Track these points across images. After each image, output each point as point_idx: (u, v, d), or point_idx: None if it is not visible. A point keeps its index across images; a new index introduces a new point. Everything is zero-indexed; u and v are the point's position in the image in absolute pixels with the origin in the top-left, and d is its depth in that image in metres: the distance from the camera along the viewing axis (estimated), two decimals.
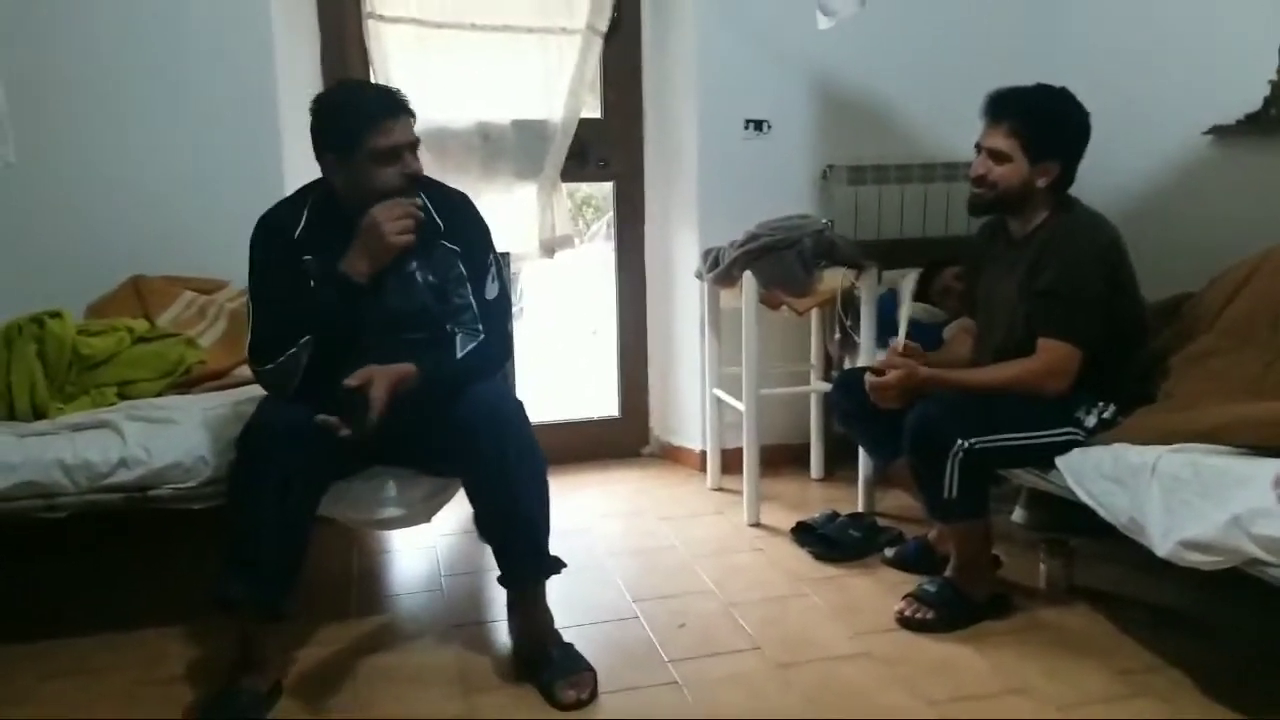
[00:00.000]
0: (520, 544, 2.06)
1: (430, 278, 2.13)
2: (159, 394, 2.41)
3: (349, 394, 1.90)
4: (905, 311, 2.47)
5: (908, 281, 2.59)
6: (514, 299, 3.48)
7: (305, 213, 2.10)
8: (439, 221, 2.15)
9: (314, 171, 2.17)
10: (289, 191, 2.26)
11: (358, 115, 1.99)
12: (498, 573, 2.10)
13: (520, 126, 3.14)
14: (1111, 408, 2.22)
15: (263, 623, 1.95)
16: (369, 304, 2.06)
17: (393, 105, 2.01)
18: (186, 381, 2.47)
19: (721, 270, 2.95)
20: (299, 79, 3.04)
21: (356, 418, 1.89)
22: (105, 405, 2.32)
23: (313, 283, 2.04)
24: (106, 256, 2.77)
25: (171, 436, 2.13)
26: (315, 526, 2.02)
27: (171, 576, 2.60)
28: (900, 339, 2.41)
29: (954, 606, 2.25)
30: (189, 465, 2.11)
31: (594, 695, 1.97)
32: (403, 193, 2.02)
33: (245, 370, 2.55)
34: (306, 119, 3.06)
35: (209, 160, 2.88)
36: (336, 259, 2.01)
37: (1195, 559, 1.80)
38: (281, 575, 1.92)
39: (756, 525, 2.91)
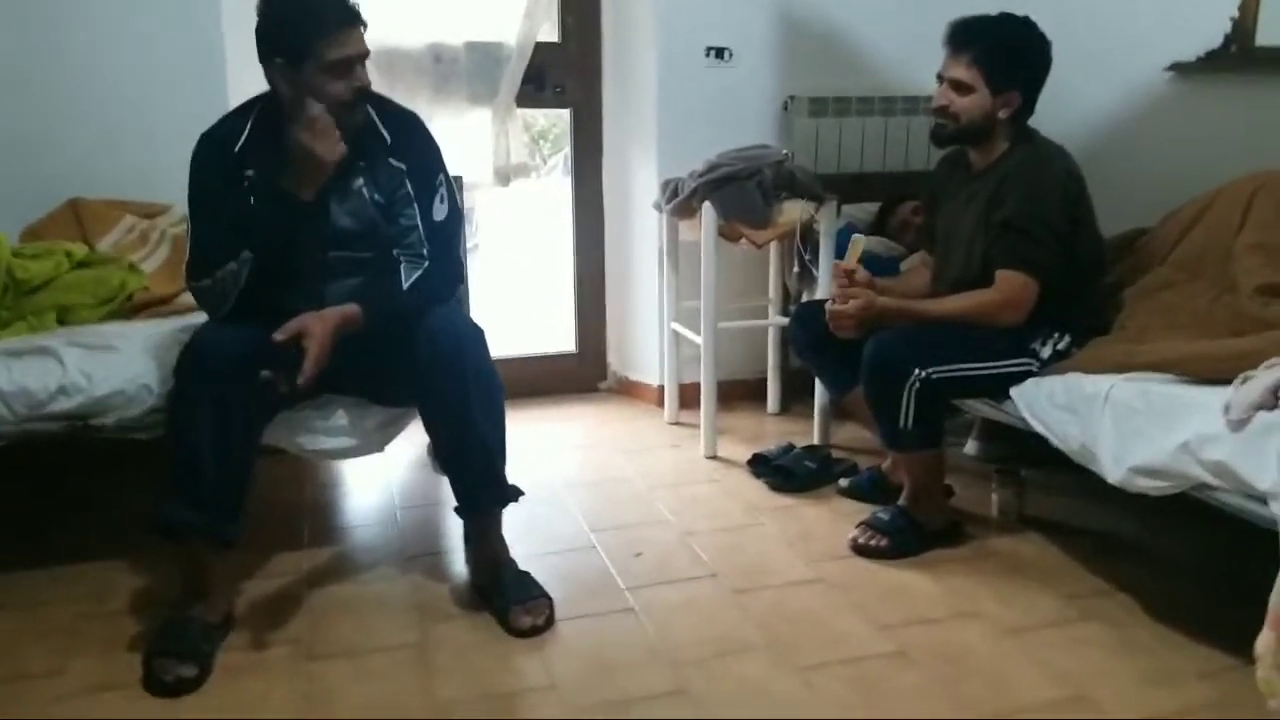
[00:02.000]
0: (478, 472, 2.04)
1: (377, 196, 2.06)
2: (100, 320, 2.33)
3: (280, 348, 1.85)
4: (854, 253, 2.45)
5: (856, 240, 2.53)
6: (469, 232, 3.42)
7: (249, 125, 2.03)
8: (386, 137, 2.09)
9: (259, 89, 2.08)
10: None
11: (311, 22, 1.89)
12: (453, 504, 2.08)
13: (474, 48, 3.05)
14: (1066, 339, 2.23)
15: (210, 551, 1.91)
16: (317, 222, 2.00)
17: (348, 14, 1.93)
18: (129, 308, 2.39)
19: (681, 200, 2.91)
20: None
21: (288, 374, 1.83)
22: (44, 331, 2.24)
23: (253, 198, 1.97)
24: (43, 177, 2.68)
25: (113, 364, 2.07)
26: (260, 452, 1.99)
27: (116, 508, 2.55)
28: (848, 260, 2.38)
29: (907, 534, 2.27)
30: (132, 393, 2.05)
31: (550, 621, 1.97)
32: (351, 107, 1.94)
33: (189, 297, 2.48)
34: (251, 36, 2.96)
35: (151, 78, 2.78)
36: (278, 173, 1.93)
37: (1145, 484, 1.84)
38: (225, 502, 1.88)
39: (713, 458, 2.92)
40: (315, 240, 2.01)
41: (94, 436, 2.06)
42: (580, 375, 3.59)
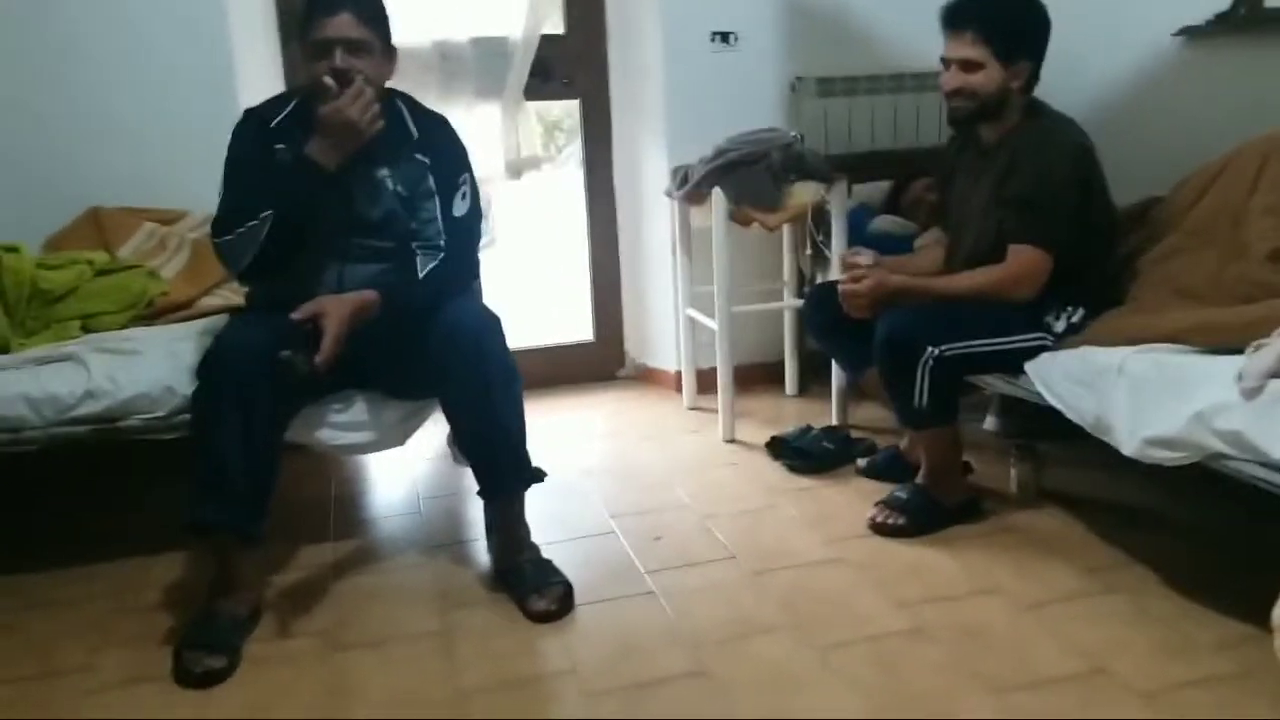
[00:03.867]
0: (502, 456, 2.08)
1: (399, 188, 2.13)
2: (122, 326, 2.37)
3: (296, 328, 1.89)
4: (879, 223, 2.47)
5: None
6: (486, 228, 3.44)
7: (290, 106, 2.15)
8: (414, 132, 2.17)
9: (268, 94, 2.19)
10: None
11: (308, 10, 2.06)
12: (477, 490, 2.12)
13: (479, 44, 3.06)
14: (1080, 312, 2.22)
15: (237, 547, 1.95)
16: (339, 209, 2.08)
17: (335, 1, 2.03)
18: (150, 313, 2.44)
19: (690, 187, 2.92)
20: (252, 5, 2.99)
21: (306, 354, 1.88)
22: (69, 339, 2.29)
23: (280, 169, 2.06)
24: (63, 188, 2.72)
25: (137, 367, 2.11)
26: (285, 449, 2.02)
27: (147, 506, 2.60)
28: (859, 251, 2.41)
29: (925, 512, 2.28)
30: (156, 395, 2.09)
31: (569, 606, 2.00)
32: (324, 87, 2.02)
33: (210, 300, 2.54)
34: (258, 47, 3.02)
35: (165, 90, 2.82)
36: (306, 143, 2.04)
37: (1160, 455, 1.83)
38: (251, 498, 1.92)
39: (732, 441, 2.93)
40: (338, 218, 2.08)
41: (121, 439, 2.11)
42: (598, 363, 3.61)
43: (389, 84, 2.19)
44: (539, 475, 2.12)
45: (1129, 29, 3.02)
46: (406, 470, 2.81)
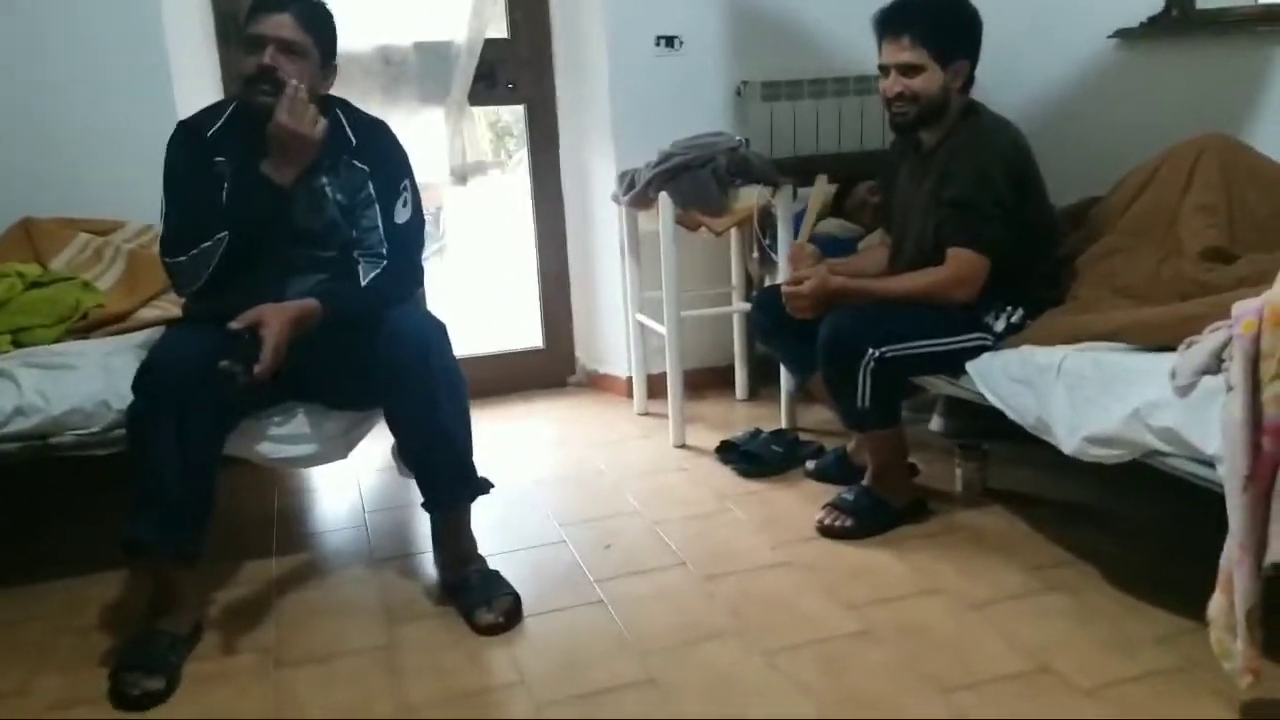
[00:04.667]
0: (448, 467, 2.05)
1: (339, 196, 2.11)
2: (56, 340, 2.30)
3: (234, 337, 1.86)
4: (810, 218, 2.48)
5: (816, 189, 2.57)
6: (436, 234, 3.41)
7: (224, 116, 2.11)
8: (352, 139, 2.14)
9: (206, 100, 2.14)
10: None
11: (254, 3, 2.03)
12: (422, 502, 2.09)
13: (423, 48, 3.03)
14: (1020, 312, 2.25)
15: (176, 565, 1.91)
16: (279, 217, 2.04)
17: (275, 1, 2.02)
18: (85, 326, 2.37)
19: (637, 192, 2.91)
20: (188, 11, 2.93)
21: (246, 364, 1.84)
22: None
23: (226, 184, 2.03)
24: None
25: (70, 382, 2.06)
26: (223, 464, 1.98)
27: (88, 523, 2.53)
28: (802, 238, 2.41)
29: (871, 513, 2.29)
30: (90, 411, 2.04)
31: (515, 618, 1.98)
32: (254, 81, 1.99)
33: (148, 312, 2.48)
34: (196, 54, 2.97)
35: (98, 97, 2.76)
36: (248, 161, 2.00)
37: (1099, 453, 1.86)
38: (189, 515, 1.88)
39: (682, 447, 2.93)
40: (283, 231, 2.05)
41: (53, 456, 2.05)
42: (549, 370, 3.59)
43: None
44: (485, 486, 2.09)
45: (1065, 31, 3.07)
46: (351, 483, 2.77)
